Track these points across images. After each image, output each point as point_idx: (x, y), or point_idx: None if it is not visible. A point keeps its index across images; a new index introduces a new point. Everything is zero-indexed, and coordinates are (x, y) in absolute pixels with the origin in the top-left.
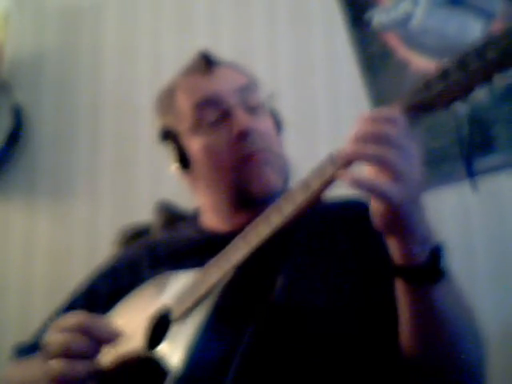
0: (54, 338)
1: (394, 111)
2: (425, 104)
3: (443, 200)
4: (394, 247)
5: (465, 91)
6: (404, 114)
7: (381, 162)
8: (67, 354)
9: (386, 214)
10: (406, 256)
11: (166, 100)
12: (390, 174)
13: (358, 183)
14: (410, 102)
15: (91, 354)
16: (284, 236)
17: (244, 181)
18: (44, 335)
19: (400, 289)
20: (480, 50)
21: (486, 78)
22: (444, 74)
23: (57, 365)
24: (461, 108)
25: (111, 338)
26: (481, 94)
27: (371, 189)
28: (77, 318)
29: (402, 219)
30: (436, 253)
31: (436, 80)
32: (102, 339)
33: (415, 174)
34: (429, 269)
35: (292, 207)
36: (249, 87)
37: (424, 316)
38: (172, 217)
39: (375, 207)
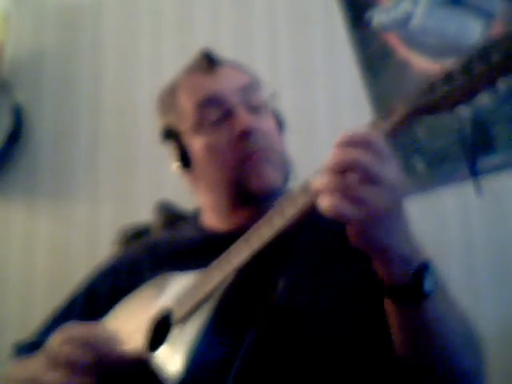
0: (58, 348)
1: (370, 134)
2: (429, 107)
3: (444, 200)
4: (376, 266)
5: (469, 95)
6: (387, 134)
7: (340, 190)
8: (68, 367)
9: (357, 236)
10: (388, 275)
11: (168, 99)
12: (355, 201)
13: (320, 208)
14: (413, 104)
15: (90, 368)
16: (286, 238)
17: (243, 178)
18: (45, 335)
19: (387, 306)
20: (484, 54)
21: (491, 81)
22: (448, 78)
23: (56, 376)
24: (463, 109)
25: (113, 354)
26: (483, 96)
27: (332, 213)
28: (82, 330)
29: (376, 241)
30: (420, 273)
31: (440, 83)
32: (103, 355)
33: (385, 197)
34: (412, 289)
35: (294, 210)
36: (251, 86)
37: (413, 332)
38: (172, 217)
39: (347, 229)
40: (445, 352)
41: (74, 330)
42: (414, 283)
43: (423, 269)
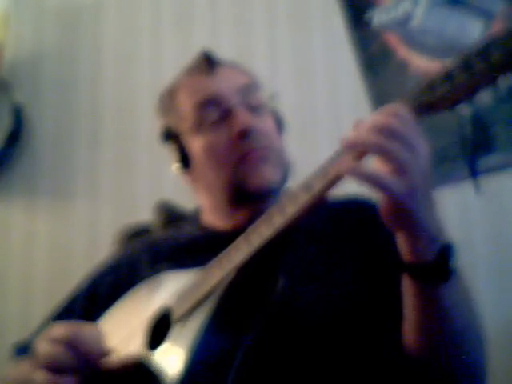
0: (43, 348)
1: (402, 107)
2: (429, 105)
3: (443, 200)
4: (401, 243)
5: (469, 93)
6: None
7: (383, 152)
8: (52, 367)
9: (391, 208)
10: (413, 253)
11: (168, 100)
12: (392, 166)
13: (359, 174)
14: (414, 102)
15: (77, 368)
16: (286, 236)
17: (242, 178)
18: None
19: (406, 284)
20: (484, 52)
21: (491, 79)
22: (448, 76)
23: (42, 377)
24: (463, 108)
25: (100, 354)
26: (483, 94)
27: (372, 180)
28: (68, 329)
29: (408, 214)
30: (445, 252)
31: (440, 81)
32: (88, 356)
33: (420, 169)
34: (436, 267)
35: (295, 208)
36: (250, 87)
37: (428, 313)
38: (172, 216)
39: (382, 202)
40: (454, 339)
41: (57, 329)
42: (439, 261)
43: (449, 248)
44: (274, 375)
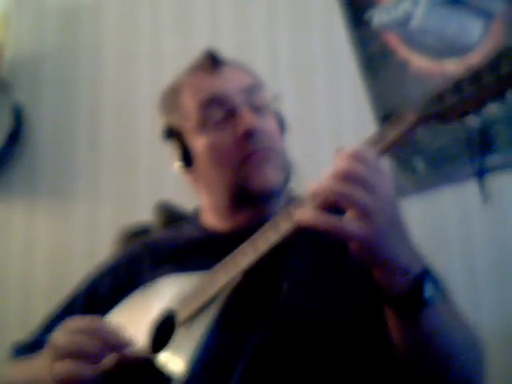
0: (65, 338)
1: (366, 149)
2: (437, 116)
3: (444, 200)
4: (376, 277)
5: (478, 106)
6: (395, 142)
7: (345, 199)
8: (78, 355)
9: (359, 250)
10: (388, 287)
11: (171, 98)
12: (355, 211)
13: (321, 227)
14: (422, 113)
15: (100, 358)
16: (290, 242)
17: (243, 178)
18: (45, 335)
19: (388, 314)
20: (494, 65)
21: (499, 93)
22: (457, 88)
23: (66, 366)
24: (471, 119)
25: (122, 345)
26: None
27: (336, 230)
28: (89, 321)
29: (376, 254)
30: (419, 282)
31: (449, 93)
32: (112, 345)
33: (384, 210)
34: (410, 298)
35: None
36: (255, 87)
37: (413, 340)
38: (172, 217)
39: (350, 245)
40: (445, 360)
41: (81, 321)
42: (413, 292)
43: (422, 277)
44: (279, 378)
